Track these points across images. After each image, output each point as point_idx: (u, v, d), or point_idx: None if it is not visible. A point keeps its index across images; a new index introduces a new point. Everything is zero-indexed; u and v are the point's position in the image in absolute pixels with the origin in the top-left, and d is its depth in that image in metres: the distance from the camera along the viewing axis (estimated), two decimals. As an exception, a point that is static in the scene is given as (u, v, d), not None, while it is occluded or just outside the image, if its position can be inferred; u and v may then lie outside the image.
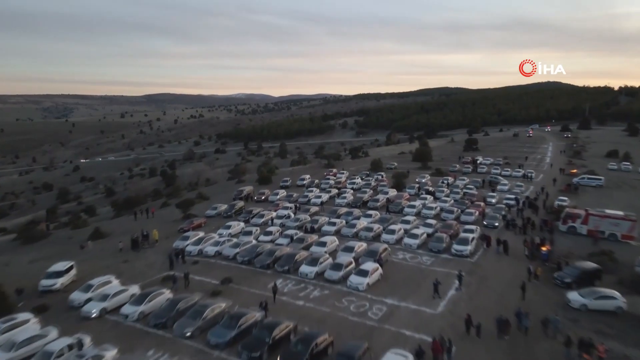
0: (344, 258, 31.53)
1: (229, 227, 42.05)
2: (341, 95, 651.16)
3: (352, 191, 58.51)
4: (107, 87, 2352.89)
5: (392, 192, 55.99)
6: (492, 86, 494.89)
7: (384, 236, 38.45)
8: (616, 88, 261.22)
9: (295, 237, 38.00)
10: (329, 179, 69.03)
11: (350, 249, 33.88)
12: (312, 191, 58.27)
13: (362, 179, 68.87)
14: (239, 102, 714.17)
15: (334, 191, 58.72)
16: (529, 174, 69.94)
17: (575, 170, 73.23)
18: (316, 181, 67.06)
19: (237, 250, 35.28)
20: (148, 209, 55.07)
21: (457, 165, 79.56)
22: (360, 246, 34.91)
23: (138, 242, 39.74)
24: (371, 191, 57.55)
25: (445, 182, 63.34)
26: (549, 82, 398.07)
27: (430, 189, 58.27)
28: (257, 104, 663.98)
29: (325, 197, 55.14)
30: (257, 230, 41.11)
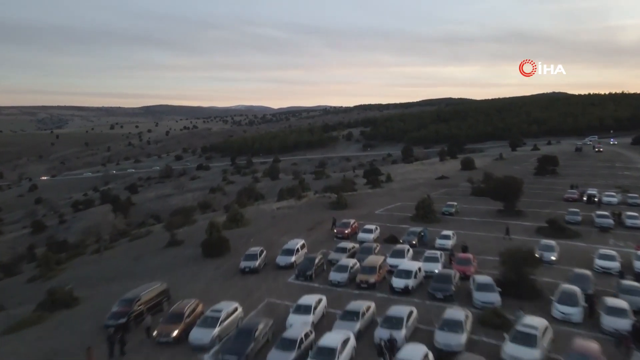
0: None
1: None
2: (341, 107, 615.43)
3: (410, 313, 22.30)
4: (104, 99, 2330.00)
5: (530, 320, 19.92)
6: (494, 97, 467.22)
7: None
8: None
9: None
10: (343, 246, 33.58)
11: None
12: (305, 309, 22.25)
13: (410, 246, 33.25)
14: (237, 114, 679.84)
15: (364, 308, 22.43)
16: None
17: None
18: (319, 257, 30.84)
19: None
20: None
21: (579, 212, 43.16)
22: None
23: None
24: (464, 314, 21.50)
25: (617, 273, 27.59)
26: (554, 93, 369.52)
27: (618, 304, 21.97)
28: (255, 115, 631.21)
29: (338, 338, 19.03)
30: None
